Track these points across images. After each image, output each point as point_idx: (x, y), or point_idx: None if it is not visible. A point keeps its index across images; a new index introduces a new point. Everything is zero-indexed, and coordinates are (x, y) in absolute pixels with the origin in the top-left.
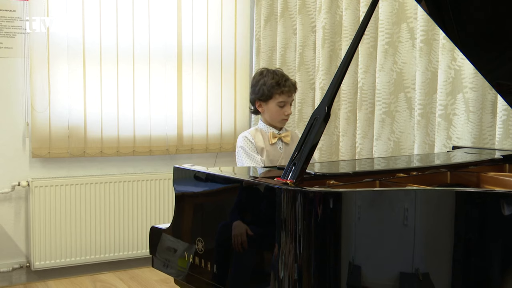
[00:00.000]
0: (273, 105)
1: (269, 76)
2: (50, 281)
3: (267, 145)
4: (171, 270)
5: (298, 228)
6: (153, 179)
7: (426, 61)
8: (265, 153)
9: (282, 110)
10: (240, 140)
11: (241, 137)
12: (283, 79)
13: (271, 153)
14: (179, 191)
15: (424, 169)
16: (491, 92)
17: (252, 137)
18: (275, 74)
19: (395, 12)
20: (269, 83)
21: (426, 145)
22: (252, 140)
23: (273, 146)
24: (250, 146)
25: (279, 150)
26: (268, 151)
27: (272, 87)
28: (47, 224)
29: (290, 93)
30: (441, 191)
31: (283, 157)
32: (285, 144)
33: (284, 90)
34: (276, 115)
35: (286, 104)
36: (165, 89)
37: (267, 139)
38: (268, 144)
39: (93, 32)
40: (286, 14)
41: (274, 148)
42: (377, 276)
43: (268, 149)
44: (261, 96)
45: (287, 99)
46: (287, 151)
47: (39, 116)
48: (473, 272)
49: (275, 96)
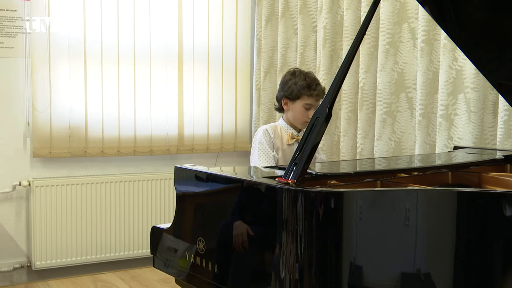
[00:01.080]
0: (299, 106)
1: (301, 77)
2: (51, 281)
3: (284, 144)
4: (172, 270)
5: (299, 228)
6: (154, 179)
7: (427, 61)
8: (281, 152)
9: (306, 112)
10: (260, 133)
11: (262, 130)
12: (314, 82)
13: (287, 153)
14: (180, 191)
15: (425, 169)
16: (493, 92)
17: (272, 132)
18: (308, 76)
19: (396, 12)
20: (300, 83)
21: (427, 145)
22: (272, 135)
23: (290, 146)
24: (269, 140)
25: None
26: (285, 151)
27: (302, 88)
28: (48, 224)
29: (318, 97)
30: (443, 191)
31: None
32: None
33: (314, 94)
34: (300, 116)
35: (311, 107)
36: (166, 89)
37: (285, 138)
38: (285, 143)
39: (94, 32)
40: (287, 14)
41: (291, 149)
42: (379, 276)
43: (284, 148)
44: (290, 94)
45: (314, 103)
46: None
47: (40, 116)
48: (475, 272)
49: (304, 97)
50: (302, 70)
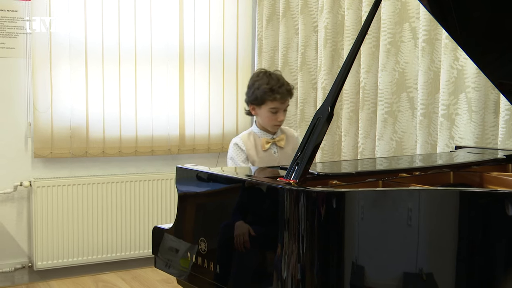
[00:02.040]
0: (265, 111)
1: (264, 80)
2: (53, 281)
3: (260, 152)
4: (174, 270)
5: (301, 228)
6: (155, 179)
7: (428, 61)
8: (258, 161)
9: (274, 116)
10: (230, 149)
11: (232, 144)
12: (277, 84)
13: (265, 160)
14: (182, 191)
15: (426, 169)
16: (494, 92)
17: (243, 144)
18: (271, 78)
19: (397, 11)
20: (262, 87)
21: (428, 145)
22: (243, 147)
23: (266, 152)
24: (240, 155)
25: (273, 155)
26: (262, 158)
27: (264, 93)
28: (49, 224)
29: (283, 100)
30: (445, 191)
31: (279, 161)
32: (280, 148)
33: (277, 97)
34: (267, 120)
35: (278, 111)
36: (167, 89)
37: (259, 145)
38: (260, 151)
39: (95, 32)
40: (288, 14)
41: (268, 154)
42: (381, 276)
43: (261, 155)
44: (254, 100)
45: (280, 106)
46: (283, 154)
47: (41, 116)
48: (477, 272)
49: (267, 102)
50: (267, 71)
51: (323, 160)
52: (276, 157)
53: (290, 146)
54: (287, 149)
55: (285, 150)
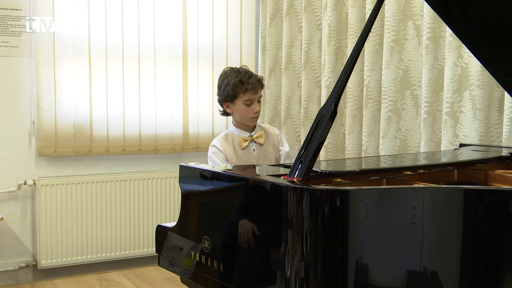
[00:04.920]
0: (239, 104)
1: (232, 75)
2: (57, 280)
3: (238, 151)
4: (177, 268)
5: (305, 226)
6: (159, 177)
7: (432, 59)
8: (236, 160)
9: (250, 108)
10: (209, 151)
11: (210, 147)
12: (246, 76)
13: (243, 159)
14: (185, 190)
15: (431, 167)
16: (498, 90)
17: (220, 145)
18: (238, 72)
19: (401, 9)
20: (232, 82)
21: (432, 142)
22: (221, 148)
23: (245, 150)
24: (219, 155)
25: (253, 152)
26: (240, 157)
27: (235, 86)
28: (54, 222)
29: (255, 90)
30: (449, 189)
31: (259, 158)
32: (260, 145)
33: (248, 88)
34: (245, 114)
35: (253, 102)
36: (171, 88)
37: (237, 144)
38: (239, 150)
39: (98, 30)
40: (292, 12)
41: (247, 152)
42: (385, 275)
43: (239, 154)
44: (227, 96)
45: (253, 97)
46: (263, 151)
47: (45, 115)
48: (482, 270)
49: (240, 95)
50: (234, 68)
51: (327, 158)
52: (255, 154)
53: (270, 143)
54: (267, 146)
55: (265, 147)
